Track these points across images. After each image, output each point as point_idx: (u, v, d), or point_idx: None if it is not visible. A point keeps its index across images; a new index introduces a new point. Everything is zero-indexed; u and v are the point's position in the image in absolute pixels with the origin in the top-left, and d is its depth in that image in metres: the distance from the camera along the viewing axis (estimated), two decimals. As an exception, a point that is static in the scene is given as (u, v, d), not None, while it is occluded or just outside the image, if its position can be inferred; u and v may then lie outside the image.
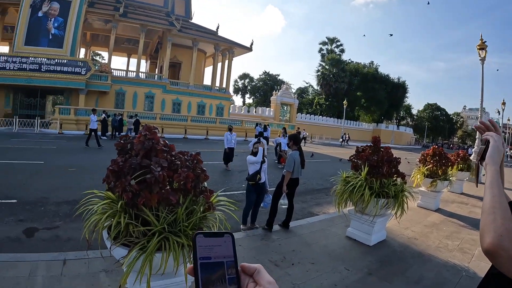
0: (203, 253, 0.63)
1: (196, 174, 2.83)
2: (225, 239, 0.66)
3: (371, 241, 6.00)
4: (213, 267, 0.63)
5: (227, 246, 0.66)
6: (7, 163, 11.71)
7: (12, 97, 30.88)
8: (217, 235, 0.66)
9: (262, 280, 0.64)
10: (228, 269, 0.63)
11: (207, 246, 0.64)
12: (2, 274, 4.16)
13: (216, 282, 0.61)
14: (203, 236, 0.65)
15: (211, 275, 0.62)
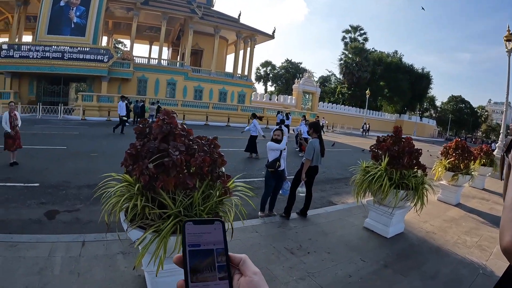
0: (192, 240, 0.63)
1: (213, 159, 2.82)
2: (215, 226, 0.65)
3: (388, 233, 5.91)
4: (202, 254, 0.62)
5: (217, 233, 0.65)
6: (31, 148, 12.00)
7: (35, 84, 31.62)
8: (206, 222, 0.65)
9: (247, 271, 0.63)
10: (218, 256, 0.62)
11: (197, 234, 0.64)
12: (23, 254, 4.30)
13: (205, 269, 0.61)
14: (193, 224, 0.64)
15: (200, 262, 0.61)
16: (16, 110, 10.24)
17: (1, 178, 8.17)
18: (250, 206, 3.77)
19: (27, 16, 33.86)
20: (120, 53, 33.47)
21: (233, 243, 4.92)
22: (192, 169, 2.79)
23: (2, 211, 6.15)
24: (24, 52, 28.68)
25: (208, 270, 0.61)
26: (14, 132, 9.40)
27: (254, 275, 0.62)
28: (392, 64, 65.09)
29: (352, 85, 64.48)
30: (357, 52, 62.66)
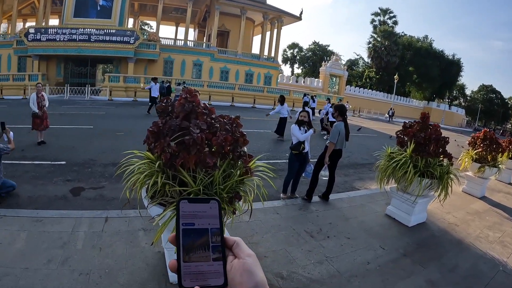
0: (186, 219, 0.61)
1: (235, 138, 2.80)
2: (210, 205, 0.64)
3: (410, 221, 5.80)
4: (196, 233, 0.61)
5: (212, 213, 0.63)
6: (59, 128, 12.31)
7: (63, 66, 32.27)
8: (202, 201, 0.64)
9: (241, 253, 0.61)
10: (213, 236, 0.61)
11: (191, 212, 0.62)
12: (47, 228, 4.45)
13: (198, 249, 0.60)
14: (188, 202, 0.63)
15: (193, 242, 0.60)
16: (44, 91, 10.48)
17: (29, 156, 8.44)
18: (272, 188, 3.75)
19: (53, 0, 34.43)
20: (146, 34, 33.60)
21: (253, 223, 4.96)
22: (213, 147, 2.78)
23: (30, 187, 6.36)
24: (51, 35, 29.22)
25: (201, 250, 0.60)
26: (42, 112, 9.64)
27: (248, 257, 0.60)
28: (422, 49, 62.90)
29: (380, 70, 62.87)
30: (386, 35, 60.83)
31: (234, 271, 0.59)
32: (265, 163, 3.57)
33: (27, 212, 5.00)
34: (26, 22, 41.97)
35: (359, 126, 21.44)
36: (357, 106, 42.36)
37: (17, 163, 7.76)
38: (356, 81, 67.53)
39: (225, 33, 41.49)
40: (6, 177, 6.14)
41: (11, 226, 4.46)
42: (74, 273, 3.52)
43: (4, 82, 28.51)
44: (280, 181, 6.95)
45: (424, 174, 5.62)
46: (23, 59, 31.88)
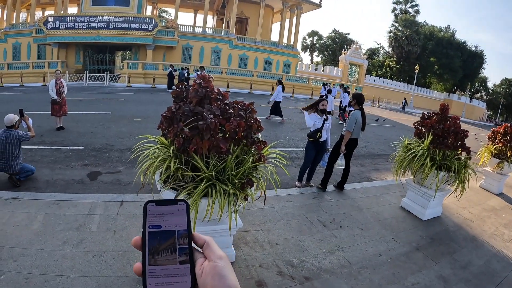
0: (153, 221, 0.61)
1: (249, 124, 2.79)
2: (178, 207, 0.63)
3: (424, 215, 5.71)
4: (162, 236, 0.60)
5: (180, 215, 0.62)
6: (77, 113, 12.51)
7: (82, 54, 32.70)
8: (170, 203, 0.63)
9: (212, 255, 0.59)
10: (180, 238, 0.60)
11: (158, 214, 0.61)
12: (63, 211, 4.56)
13: (164, 251, 0.59)
14: (155, 205, 0.62)
15: (159, 244, 0.59)
16: (63, 78, 10.64)
17: (48, 141, 8.63)
18: (287, 175, 3.74)
19: (71, -11, 34.79)
20: (165, 21, 33.63)
21: (267, 211, 4.97)
22: (227, 133, 2.78)
23: (48, 172, 6.52)
24: (70, 24, 29.58)
25: (168, 253, 0.59)
26: (60, 99, 9.80)
27: (219, 260, 0.58)
28: (444, 39, 61.21)
29: (401, 59, 61.61)
30: (408, 25, 59.43)
31: (206, 275, 0.57)
32: (280, 151, 3.56)
33: (44, 195, 5.12)
34: (45, 11, 42.66)
35: (381, 118, 20.99)
36: (377, 96, 41.63)
37: (36, 148, 7.94)
38: (376, 70, 66.39)
39: (244, 20, 41.26)
40: (26, 162, 6.30)
41: (29, 209, 4.58)
42: (88, 255, 3.60)
43: (24, 69, 29.11)
44: (295, 169, 6.93)
45: (441, 167, 5.51)
46: (42, 47, 32.45)
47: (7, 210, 4.52)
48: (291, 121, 14.77)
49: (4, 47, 33.58)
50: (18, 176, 5.88)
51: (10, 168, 5.73)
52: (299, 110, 14.93)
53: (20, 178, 5.91)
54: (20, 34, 33.25)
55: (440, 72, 62.91)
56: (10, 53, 33.46)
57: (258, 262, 3.74)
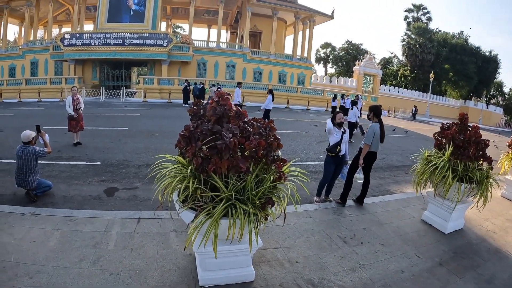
0: None
1: (269, 142, 2.73)
2: None
3: (447, 228, 5.53)
4: None
5: None
6: (94, 129, 12.66)
7: (98, 70, 33.46)
8: None
9: None
10: None
11: None
12: (80, 228, 4.56)
13: None
14: None
15: None
16: (79, 94, 10.80)
17: (65, 157, 8.72)
18: (305, 189, 3.66)
19: (86, 7, 35.78)
20: (179, 37, 34.13)
21: (286, 228, 4.87)
22: (246, 152, 2.72)
23: (65, 187, 6.55)
24: (86, 40, 30.38)
25: None
26: (77, 114, 9.93)
27: None
28: (457, 45, 60.40)
29: (415, 68, 61.07)
30: (421, 32, 58.99)
31: None
32: (299, 166, 3.49)
33: (61, 211, 5.14)
34: (61, 28, 44.00)
35: (403, 129, 20.62)
36: (392, 106, 41.19)
37: (54, 163, 8.02)
38: (390, 80, 65.94)
39: (257, 34, 41.67)
40: (43, 177, 6.36)
41: (45, 225, 4.60)
42: (105, 273, 3.57)
43: (42, 85, 29.98)
44: (313, 183, 6.82)
45: (462, 179, 5.35)
46: (59, 63, 33.26)
47: (23, 226, 4.55)
48: (307, 134, 14.71)
49: (22, 63, 34.51)
50: (35, 191, 5.92)
51: (27, 184, 5.78)
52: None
53: (37, 193, 5.95)
54: (37, 51, 34.14)
55: (455, 79, 62.10)
56: (28, 69, 34.31)
57: (278, 281, 3.65)
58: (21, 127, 12.33)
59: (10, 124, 14.27)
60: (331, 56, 76.82)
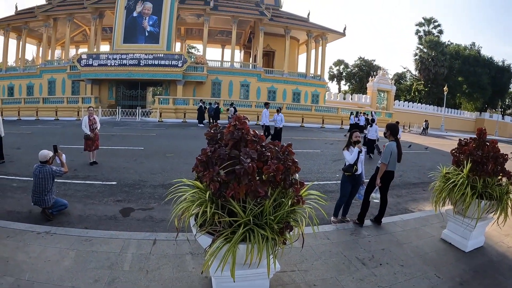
0: None
1: (287, 166, 2.71)
2: None
3: (467, 246, 5.39)
4: None
5: None
6: (110, 148, 12.83)
7: (114, 89, 34.23)
8: None
9: None
10: None
11: None
12: (96, 248, 4.57)
13: None
14: None
15: None
16: (96, 114, 11.00)
17: (81, 176, 8.84)
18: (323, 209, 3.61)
19: (103, 28, 36.89)
20: (194, 57, 34.71)
21: (303, 249, 4.75)
22: (264, 176, 2.71)
23: (81, 206, 6.63)
24: (103, 61, 31.23)
25: None
26: (93, 134, 10.11)
27: None
28: (470, 57, 59.90)
29: (429, 82, 60.64)
30: (432, 46, 58.73)
31: None
32: (315, 186, 3.45)
33: (76, 231, 5.18)
34: (78, 48, 45.42)
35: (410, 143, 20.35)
36: (407, 121, 40.76)
37: (70, 182, 8.14)
38: (404, 95, 65.58)
39: (270, 53, 42.15)
40: (59, 196, 6.45)
41: (61, 244, 4.63)
42: (120, 295, 3.54)
43: (59, 104, 30.74)
44: (330, 203, 6.74)
45: (482, 196, 5.23)
46: (76, 83, 34.12)
47: (39, 245, 4.59)
48: (323, 153, 14.64)
49: (40, 82, 35.52)
50: (51, 210, 6.00)
51: (43, 203, 5.86)
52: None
53: (53, 212, 6.03)
54: (55, 70, 35.17)
55: (469, 91, 61.48)
56: (46, 88, 35.27)
57: (296, 305, 3.58)
58: (38, 145, 12.71)
59: (28, 142, 14.61)
60: (344, 73, 77.04)
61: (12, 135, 15.22)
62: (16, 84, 36.76)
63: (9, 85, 37.18)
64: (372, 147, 14.39)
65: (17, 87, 36.64)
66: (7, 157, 10.57)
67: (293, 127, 27.51)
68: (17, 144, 13.29)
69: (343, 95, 49.13)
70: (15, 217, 5.87)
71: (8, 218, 5.72)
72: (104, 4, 33.85)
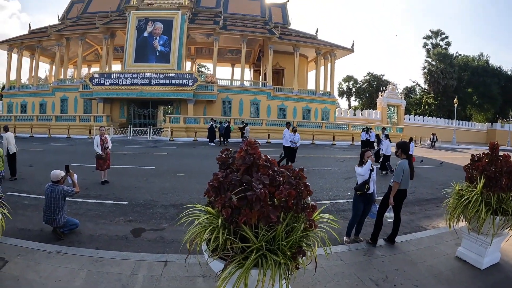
0: None
1: (299, 191, 2.71)
2: None
3: (482, 264, 5.29)
4: None
5: None
6: (122, 167, 12.93)
7: (126, 108, 34.84)
8: None
9: None
10: None
11: None
12: (106, 269, 4.58)
13: None
14: None
15: None
16: (107, 133, 11.15)
17: (92, 195, 8.92)
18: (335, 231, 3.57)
19: (114, 47, 37.83)
20: (204, 76, 35.15)
21: (316, 271, 4.72)
22: (276, 201, 2.70)
23: (92, 226, 6.67)
24: (114, 80, 31.86)
25: None
26: (105, 153, 10.23)
27: None
28: (478, 68, 59.66)
29: (438, 95, 60.38)
30: (441, 58, 58.70)
31: None
32: (327, 205, 3.42)
33: (88, 251, 5.20)
34: (90, 68, 46.58)
35: (421, 158, 20.12)
36: (418, 135, 40.37)
37: (81, 201, 8.21)
38: (414, 109, 65.31)
39: (279, 71, 42.66)
40: (70, 215, 6.52)
41: (71, 264, 4.65)
42: (131, 318, 3.53)
43: (71, 122, 31.39)
44: (342, 222, 6.67)
45: (496, 211, 5.14)
46: (88, 101, 34.77)
47: (50, 264, 4.62)
48: (334, 170, 14.54)
49: (52, 100, 36.31)
50: (62, 229, 6.05)
51: (55, 222, 5.92)
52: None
53: (64, 231, 6.08)
54: (67, 89, 35.99)
55: (479, 102, 61.10)
56: (58, 106, 36.03)
57: (309, 330, 3.52)
58: (50, 162, 12.88)
59: (40, 159, 14.83)
60: (353, 89, 77.27)
61: (25, 152, 15.45)
62: (29, 101, 37.66)
63: (22, 103, 38.10)
64: (384, 164, 14.28)
65: (30, 105, 37.52)
66: (19, 174, 10.78)
67: (304, 145, 27.45)
68: (29, 161, 13.51)
69: (353, 111, 49.13)
70: (26, 235, 5.94)
71: (20, 236, 5.78)
72: (115, 25, 34.79)
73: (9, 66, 40.08)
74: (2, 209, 4.25)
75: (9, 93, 39.49)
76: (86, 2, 40.54)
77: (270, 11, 40.88)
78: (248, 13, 39.76)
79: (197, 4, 38.56)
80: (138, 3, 33.54)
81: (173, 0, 34.22)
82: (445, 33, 64.39)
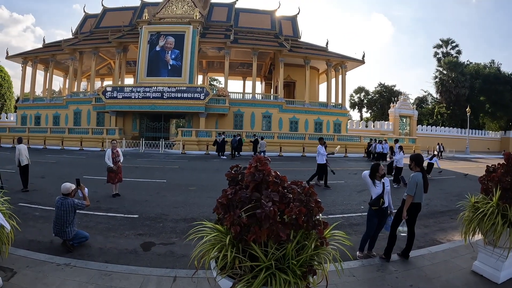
0: None
1: (309, 208, 2.66)
2: None
3: (499, 278, 5.12)
4: None
5: None
6: (133, 181, 12.99)
7: (138, 121, 35.24)
8: None
9: None
10: None
11: None
12: (115, 284, 4.54)
13: None
14: None
15: None
16: (119, 146, 11.24)
17: (103, 208, 8.95)
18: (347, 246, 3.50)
19: (127, 61, 38.54)
20: (215, 90, 35.47)
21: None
22: (286, 218, 2.66)
23: (101, 239, 6.67)
24: (127, 93, 32.32)
25: None
26: (116, 167, 10.30)
27: None
28: (490, 75, 59.01)
29: (451, 104, 59.79)
30: (452, 67, 58.30)
31: None
32: (340, 219, 3.36)
33: (96, 264, 5.18)
34: (103, 81, 47.52)
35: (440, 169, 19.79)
36: (431, 146, 39.85)
37: (91, 214, 8.24)
38: (426, 119, 64.73)
39: (291, 84, 42.85)
40: (80, 227, 6.53)
41: (80, 277, 4.63)
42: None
43: (84, 135, 31.92)
44: (355, 236, 6.56)
45: (512, 223, 5.01)
46: (101, 114, 35.27)
47: (58, 277, 4.60)
48: (347, 184, 14.36)
49: (66, 113, 36.97)
50: (72, 241, 6.06)
51: (65, 234, 5.94)
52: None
53: (74, 243, 6.09)
54: (80, 102, 36.66)
55: (492, 110, 60.45)
56: (71, 119, 36.66)
57: None
58: (62, 174, 13.01)
59: (52, 171, 15.02)
60: (365, 101, 76.99)
61: (37, 163, 15.67)
62: (43, 113, 38.40)
63: (36, 114, 38.85)
64: (398, 177, 14.07)
65: (44, 117, 38.24)
66: (31, 186, 10.92)
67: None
68: (41, 173, 13.68)
69: (365, 122, 48.84)
70: (36, 247, 5.96)
71: (29, 247, 5.81)
72: (128, 39, 35.43)
73: (23, 78, 41.21)
74: (11, 221, 4.27)
75: (23, 105, 40.41)
76: (99, 17, 41.58)
77: (280, 24, 41.17)
78: (258, 26, 40.16)
79: (208, 18, 39.11)
80: (150, 18, 34.18)
81: (184, 15, 34.87)
82: (455, 42, 64.29)
